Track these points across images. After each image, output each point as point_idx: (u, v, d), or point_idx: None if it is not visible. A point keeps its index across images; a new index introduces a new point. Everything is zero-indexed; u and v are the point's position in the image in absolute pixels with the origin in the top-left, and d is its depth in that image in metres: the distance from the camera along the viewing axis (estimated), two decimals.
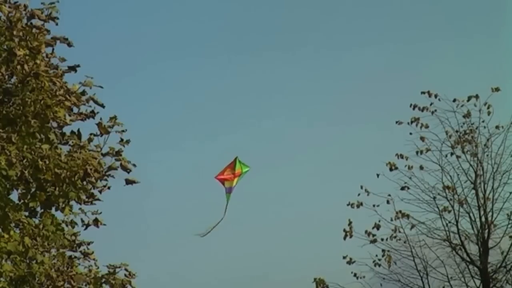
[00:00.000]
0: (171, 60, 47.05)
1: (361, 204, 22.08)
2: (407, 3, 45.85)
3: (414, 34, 44.26)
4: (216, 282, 33.07)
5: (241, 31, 47.05)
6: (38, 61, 13.36)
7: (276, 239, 35.88)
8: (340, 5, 46.93)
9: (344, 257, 21.98)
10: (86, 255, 14.45)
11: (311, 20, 46.66)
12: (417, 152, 22.14)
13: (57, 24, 13.86)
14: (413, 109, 22.42)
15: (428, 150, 22.20)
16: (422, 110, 22.38)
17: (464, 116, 22.24)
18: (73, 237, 14.25)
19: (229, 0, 47.22)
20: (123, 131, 14.23)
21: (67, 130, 14.07)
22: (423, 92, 22.39)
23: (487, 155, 22.06)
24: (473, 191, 21.89)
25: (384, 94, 40.89)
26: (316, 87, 44.45)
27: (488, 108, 22.20)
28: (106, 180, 14.17)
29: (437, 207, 21.97)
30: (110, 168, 14.16)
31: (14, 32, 13.28)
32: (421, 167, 22.14)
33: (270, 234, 36.93)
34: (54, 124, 13.78)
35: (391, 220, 22.05)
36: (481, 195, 21.83)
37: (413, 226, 22.02)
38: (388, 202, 21.98)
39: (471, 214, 21.79)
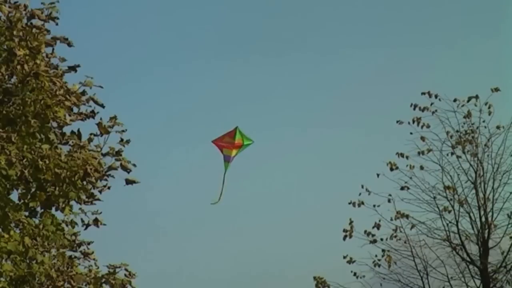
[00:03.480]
0: (170, 60, 47.10)
1: (362, 203, 22.06)
2: (407, 4, 45.90)
3: (414, 35, 44.34)
4: (216, 281, 33.11)
5: (235, 36, 47.20)
6: (38, 61, 13.36)
7: (276, 238, 35.93)
8: (337, 7, 47.01)
9: (344, 257, 21.97)
10: (86, 255, 14.45)
11: (307, 23, 46.75)
12: (418, 153, 22.13)
13: (57, 24, 13.88)
14: (414, 109, 22.42)
15: (429, 150, 22.19)
16: (423, 110, 22.36)
17: (464, 117, 22.23)
18: (73, 237, 14.25)
19: (224, 6, 47.32)
20: (123, 131, 14.24)
21: (67, 130, 14.09)
22: (423, 93, 22.38)
23: (488, 155, 22.04)
24: (473, 191, 21.86)
25: (384, 94, 40.97)
26: (316, 88, 44.52)
27: (489, 108, 22.19)
28: (106, 180, 14.17)
29: (437, 207, 21.95)
30: (110, 168, 14.16)
31: (14, 32, 13.28)
32: (422, 167, 22.13)
33: (270, 233, 36.99)
34: (54, 124, 13.78)
35: (391, 220, 22.04)
36: (481, 195, 21.81)
37: (413, 226, 22.00)
38: (389, 201, 21.96)
39: (471, 214, 21.77)
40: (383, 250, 22.00)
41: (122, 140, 14.24)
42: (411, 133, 22.27)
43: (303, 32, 46.68)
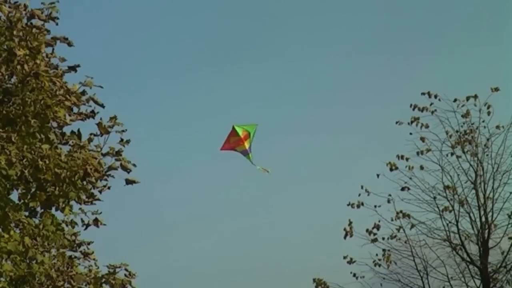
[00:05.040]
0: (170, 59, 47.13)
1: (362, 204, 22.08)
2: (407, 3, 45.91)
3: (414, 34, 44.32)
4: (216, 281, 33.10)
5: (232, 42, 47.23)
6: (38, 61, 13.34)
7: (276, 238, 35.92)
8: (336, 12, 47.03)
9: (344, 257, 21.99)
10: (86, 255, 14.45)
11: (302, 27, 46.78)
12: (417, 153, 22.15)
13: (57, 24, 13.86)
14: (413, 109, 22.44)
15: (428, 150, 22.21)
16: (422, 111, 22.40)
17: (463, 116, 22.25)
18: (73, 237, 14.25)
19: (221, 13, 47.44)
20: (123, 131, 14.22)
21: (67, 130, 14.07)
22: (423, 93, 22.42)
23: (487, 155, 22.08)
24: (473, 191, 21.90)
25: (384, 96, 41.00)
26: (315, 88, 44.54)
27: (488, 108, 22.21)
28: (106, 180, 14.16)
29: (437, 207, 21.99)
30: (110, 168, 14.15)
31: (14, 32, 13.26)
32: (422, 167, 22.15)
33: (270, 233, 36.98)
34: (54, 124, 13.77)
35: (392, 220, 22.07)
36: (481, 195, 21.84)
37: (413, 226, 22.03)
38: (388, 201, 21.98)
39: (471, 214, 21.80)
40: (383, 250, 22.02)
41: (122, 140, 14.24)
42: (410, 134, 22.31)
43: (297, 38, 46.73)
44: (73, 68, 14.02)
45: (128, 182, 14.29)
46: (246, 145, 19.19)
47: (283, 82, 45.52)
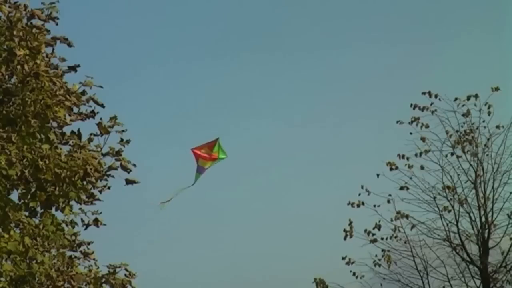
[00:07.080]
0: (169, 60, 47.13)
1: (362, 203, 22.06)
2: (407, 2, 45.88)
3: (414, 34, 44.28)
4: (216, 282, 33.09)
5: (235, 32, 47.20)
6: (38, 61, 13.36)
7: (276, 238, 35.91)
8: (338, 5, 46.98)
9: (343, 258, 21.97)
10: (86, 255, 14.46)
11: (308, 19, 46.74)
12: (416, 154, 22.13)
13: (57, 24, 13.88)
14: (414, 109, 22.42)
15: (427, 151, 22.19)
16: (423, 110, 22.37)
17: (463, 116, 22.23)
18: (73, 237, 14.26)
19: (225, 2, 47.39)
20: (123, 131, 14.25)
21: (67, 130, 14.10)
22: (423, 93, 22.39)
23: (487, 155, 22.05)
24: (473, 191, 21.87)
25: (384, 94, 40.95)
26: (314, 87, 44.55)
27: (488, 108, 22.19)
28: (106, 180, 14.18)
29: (437, 207, 21.96)
30: (110, 168, 14.17)
31: (14, 32, 13.27)
32: (422, 167, 22.14)
33: (270, 234, 36.96)
34: (54, 124, 13.79)
35: (391, 220, 22.05)
36: (481, 195, 21.81)
37: (413, 226, 22.01)
38: (388, 201, 21.96)
39: (471, 214, 21.78)
40: (383, 250, 22.01)
41: (122, 140, 14.25)
42: (410, 133, 22.29)
43: (299, 29, 46.71)
44: (73, 68, 14.03)
45: (128, 182, 14.31)
46: (208, 164, 18.93)
47: (283, 75, 45.55)
